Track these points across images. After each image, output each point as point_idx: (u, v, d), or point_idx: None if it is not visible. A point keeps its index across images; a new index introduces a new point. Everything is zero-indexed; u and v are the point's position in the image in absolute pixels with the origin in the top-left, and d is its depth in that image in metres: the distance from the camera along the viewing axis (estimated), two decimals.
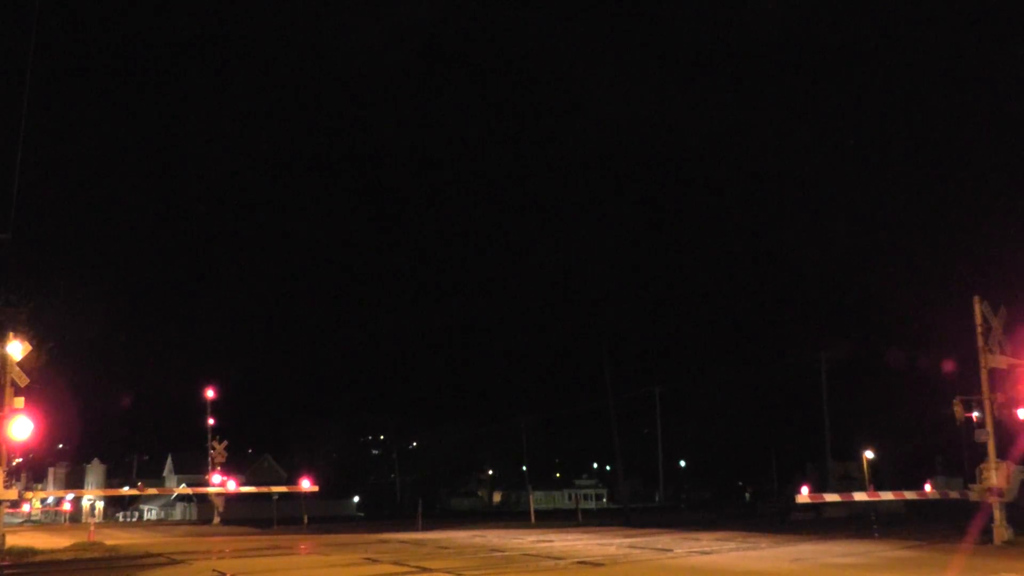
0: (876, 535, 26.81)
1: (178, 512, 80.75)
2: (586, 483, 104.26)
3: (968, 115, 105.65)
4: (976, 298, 22.92)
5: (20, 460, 76.96)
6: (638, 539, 26.36)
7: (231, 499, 52.69)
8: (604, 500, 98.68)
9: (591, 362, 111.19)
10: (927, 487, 37.46)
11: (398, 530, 36.45)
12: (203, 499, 64.36)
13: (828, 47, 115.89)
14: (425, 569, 18.06)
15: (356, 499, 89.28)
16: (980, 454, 23.28)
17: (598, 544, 24.50)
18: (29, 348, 25.51)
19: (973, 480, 23.33)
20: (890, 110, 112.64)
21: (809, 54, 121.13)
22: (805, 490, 30.28)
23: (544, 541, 26.19)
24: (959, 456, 58.09)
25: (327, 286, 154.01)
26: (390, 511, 74.68)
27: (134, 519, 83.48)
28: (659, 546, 23.26)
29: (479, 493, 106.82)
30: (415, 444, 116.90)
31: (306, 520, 44.32)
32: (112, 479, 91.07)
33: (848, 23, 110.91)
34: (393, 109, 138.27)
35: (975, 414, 24.20)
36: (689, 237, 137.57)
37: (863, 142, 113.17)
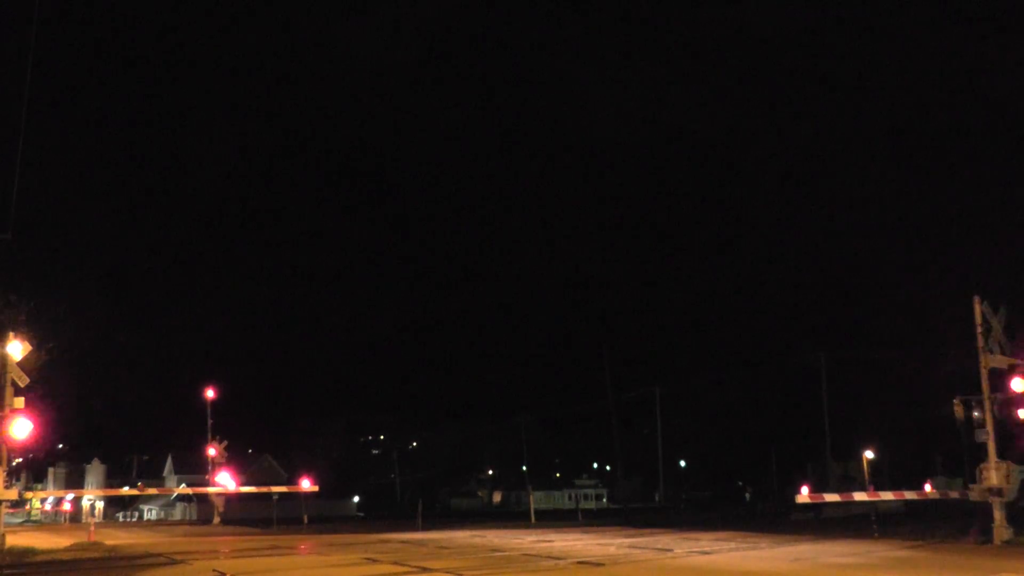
0: (876, 535, 26.79)
1: (178, 512, 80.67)
2: (586, 483, 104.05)
3: (968, 114, 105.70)
4: (976, 298, 22.92)
5: (20, 460, 76.99)
6: (638, 539, 26.35)
7: (231, 499, 52.63)
8: (604, 500, 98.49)
9: (591, 362, 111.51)
10: (927, 487, 37.47)
11: (398, 530, 36.45)
12: (203, 499, 64.30)
13: (828, 46, 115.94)
14: (425, 569, 18.05)
15: (356, 499, 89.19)
16: (980, 454, 23.28)
17: (598, 544, 24.49)
18: (29, 348, 25.52)
19: (973, 480, 23.32)
20: (890, 109, 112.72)
21: (809, 53, 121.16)
22: (805, 490, 30.25)
23: (544, 541, 26.17)
24: (959, 456, 58.02)
25: (327, 286, 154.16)
26: (390, 511, 74.57)
27: (134, 519, 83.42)
28: (659, 546, 23.25)
29: (479, 493, 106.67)
30: (415, 444, 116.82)
31: (306, 520, 44.30)
32: (112, 479, 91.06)
33: (848, 22, 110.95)
34: (394, 108, 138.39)
35: (975, 414, 24.18)
36: (689, 238, 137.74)
37: (864, 141, 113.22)
